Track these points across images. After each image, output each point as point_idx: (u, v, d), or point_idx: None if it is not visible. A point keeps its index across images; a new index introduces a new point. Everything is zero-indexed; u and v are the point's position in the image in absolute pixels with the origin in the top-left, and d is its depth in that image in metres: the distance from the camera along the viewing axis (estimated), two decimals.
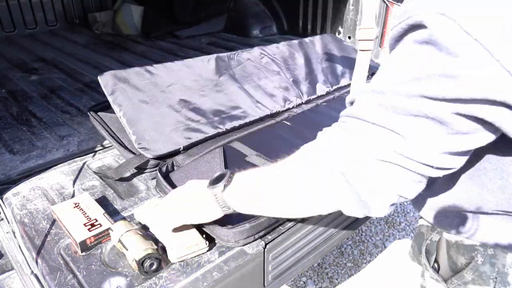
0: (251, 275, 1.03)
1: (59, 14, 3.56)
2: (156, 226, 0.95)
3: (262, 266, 1.04)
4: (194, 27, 3.38)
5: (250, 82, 1.75)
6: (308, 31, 2.98)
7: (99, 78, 1.44)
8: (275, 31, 3.21)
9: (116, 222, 1.01)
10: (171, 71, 1.60)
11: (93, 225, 1.02)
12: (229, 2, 3.39)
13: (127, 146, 1.36)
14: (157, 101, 1.47)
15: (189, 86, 1.59)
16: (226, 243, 1.00)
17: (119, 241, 0.94)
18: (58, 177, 1.31)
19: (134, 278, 0.91)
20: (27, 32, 3.39)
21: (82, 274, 0.93)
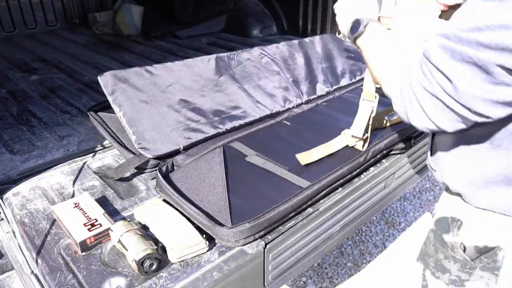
0: (251, 275, 1.03)
1: (59, 14, 3.56)
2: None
3: (262, 266, 1.04)
4: (194, 27, 3.38)
5: (250, 82, 1.74)
6: (308, 31, 2.98)
7: (99, 78, 1.44)
8: (275, 31, 3.20)
9: (116, 222, 1.01)
10: (171, 71, 1.60)
11: (93, 225, 1.02)
12: (229, 2, 3.39)
13: (127, 146, 1.36)
14: (157, 101, 1.47)
15: (189, 86, 1.59)
16: (226, 243, 1.00)
17: (119, 241, 0.94)
18: (58, 177, 1.31)
19: (134, 278, 0.91)
20: (27, 32, 3.39)
21: (82, 274, 0.93)
